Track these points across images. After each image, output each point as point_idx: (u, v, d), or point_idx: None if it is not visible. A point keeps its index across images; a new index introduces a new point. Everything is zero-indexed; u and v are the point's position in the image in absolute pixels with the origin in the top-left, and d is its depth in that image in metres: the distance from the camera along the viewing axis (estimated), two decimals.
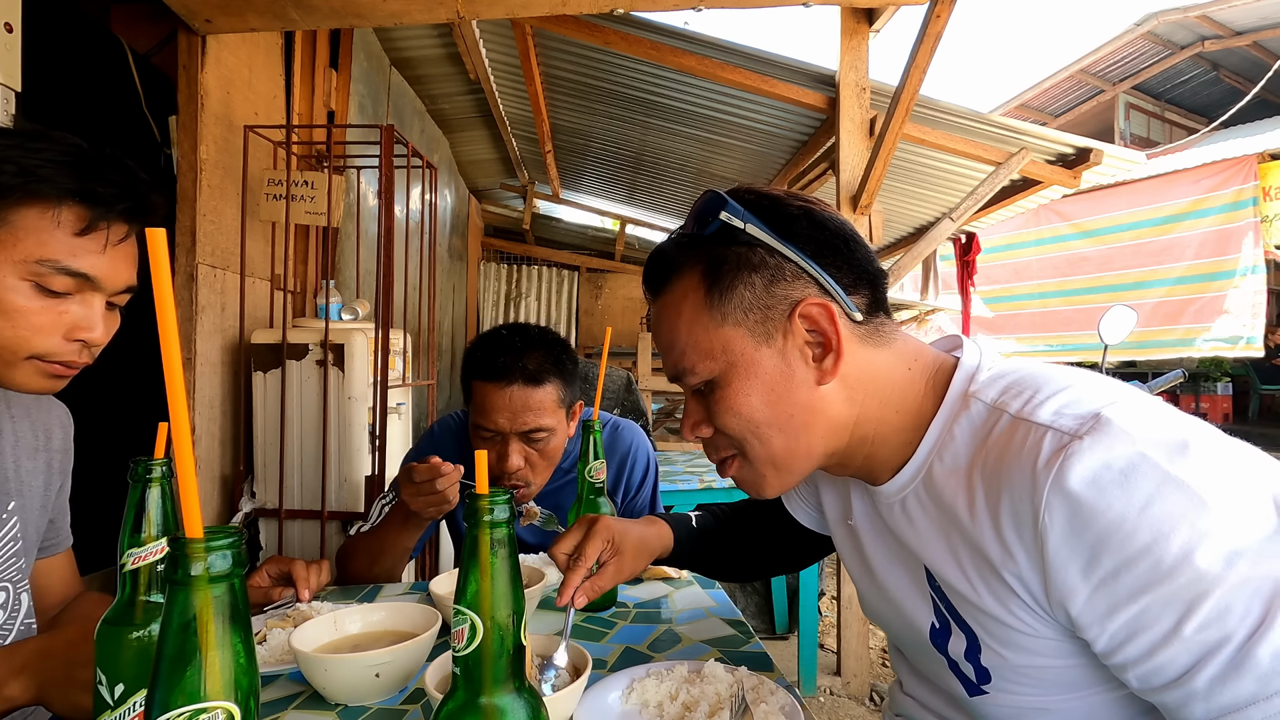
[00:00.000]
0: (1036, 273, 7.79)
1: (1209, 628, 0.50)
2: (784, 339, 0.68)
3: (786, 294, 0.68)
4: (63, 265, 0.78)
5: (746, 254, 0.69)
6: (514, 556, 0.48)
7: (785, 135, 3.66)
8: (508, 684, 0.47)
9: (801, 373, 0.69)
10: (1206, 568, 0.50)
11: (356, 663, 0.83)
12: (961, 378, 0.69)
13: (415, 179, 2.59)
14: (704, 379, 0.71)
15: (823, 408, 0.69)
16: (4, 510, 0.90)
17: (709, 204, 0.71)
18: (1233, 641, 0.49)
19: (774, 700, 0.79)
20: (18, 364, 0.80)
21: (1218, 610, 0.50)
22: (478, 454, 0.51)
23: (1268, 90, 8.84)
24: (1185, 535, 0.51)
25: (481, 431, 1.30)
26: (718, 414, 0.71)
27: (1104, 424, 0.56)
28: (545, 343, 1.30)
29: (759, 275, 0.68)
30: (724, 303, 0.69)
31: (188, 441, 0.33)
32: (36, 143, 0.78)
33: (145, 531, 0.63)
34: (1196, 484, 0.52)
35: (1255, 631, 0.49)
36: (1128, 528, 0.52)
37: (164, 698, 0.33)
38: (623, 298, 7.67)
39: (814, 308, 0.67)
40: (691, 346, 0.70)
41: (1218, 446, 0.56)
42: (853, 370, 0.69)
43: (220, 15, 1.90)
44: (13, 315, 0.77)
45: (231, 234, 2.14)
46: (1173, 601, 0.51)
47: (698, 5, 2.02)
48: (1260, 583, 0.49)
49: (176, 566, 0.33)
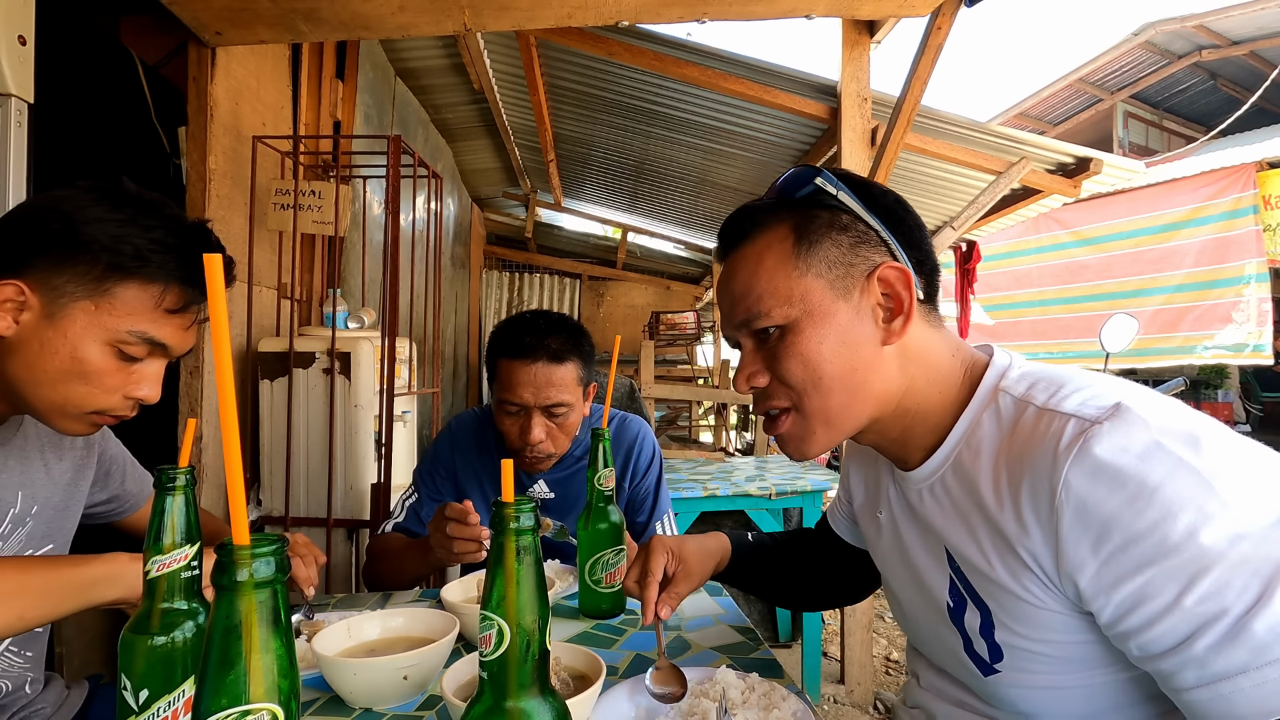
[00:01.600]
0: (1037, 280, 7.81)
1: (1208, 601, 0.53)
2: (860, 296, 0.73)
3: (869, 256, 0.73)
4: (149, 336, 0.84)
5: (836, 216, 0.74)
6: (539, 563, 0.49)
7: (787, 145, 3.69)
8: (533, 688, 0.48)
9: (869, 330, 0.73)
10: (1210, 545, 0.53)
11: (386, 665, 0.84)
12: (993, 374, 0.73)
13: (420, 188, 2.61)
14: (776, 323, 0.74)
15: (880, 368, 0.73)
16: (28, 514, 0.92)
17: (801, 174, 0.76)
18: (1230, 614, 0.52)
19: (786, 706, 0.80)
20: (79, 417, 0.85)
21: (1218, 585, 0.52)
22: (504, 464, 0.52)
23: (1265, 99, 8.89)
24: (1192, 515, 0.54)
25: (507, 406, 1.36)
26: (783, 360, 0.74)
27: (1123, 412, 0.60)
28: (566, 326, 1.39)
29: (846, 235, 0.73)
30: (810, 255, 0.73)
31: (238, 456, 0.34)
32: (149, 219, 0.83)
33: (168, 539, 0.64)
34: (1206, 470, 0.55)
35: (1252, 607, 0.51)
36: (1139, 506, 0.55)
37: (211, 700, 0.34)
38: (624, 305, 7.69)
39: (892, 271, 0.72)
40: (770, 292, 0.74)
41: (1229, 440, 0.59)
42: (911, 342, 0.74)
43: (230, 27, 1.92)
44: (90, 376, 0.83)
45: (239, 243, 2.15)
46: (1175, 575, 0.54)
47: (701, 18, 2.04)
48: (1260, 563, 0.52)
49: (224, 572, 0.34)
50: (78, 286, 0.80)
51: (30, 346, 0.81)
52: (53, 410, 0.84)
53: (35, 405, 0.84)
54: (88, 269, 0.80)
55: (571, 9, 1.87)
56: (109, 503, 1.12)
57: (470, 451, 1.51)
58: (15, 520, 0.90)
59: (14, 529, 0.90)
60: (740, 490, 2.81)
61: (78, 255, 0.80)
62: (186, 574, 0.64)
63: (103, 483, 1.09)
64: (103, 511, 1.12)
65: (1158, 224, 6.87)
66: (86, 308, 0.81)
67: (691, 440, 6.34)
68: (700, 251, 6.96)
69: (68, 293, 0.80)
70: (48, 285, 0.80)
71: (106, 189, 0.84)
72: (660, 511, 1.52)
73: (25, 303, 0.80)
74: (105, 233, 0.80)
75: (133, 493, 1.14)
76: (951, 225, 3.83)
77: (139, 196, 0.85)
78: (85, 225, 0.80)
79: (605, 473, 1.16)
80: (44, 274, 0.80)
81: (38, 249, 0.80)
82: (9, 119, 1.47)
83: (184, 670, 0.62)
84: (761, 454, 4.16)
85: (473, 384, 6.39)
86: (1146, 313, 6.74)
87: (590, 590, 1.14)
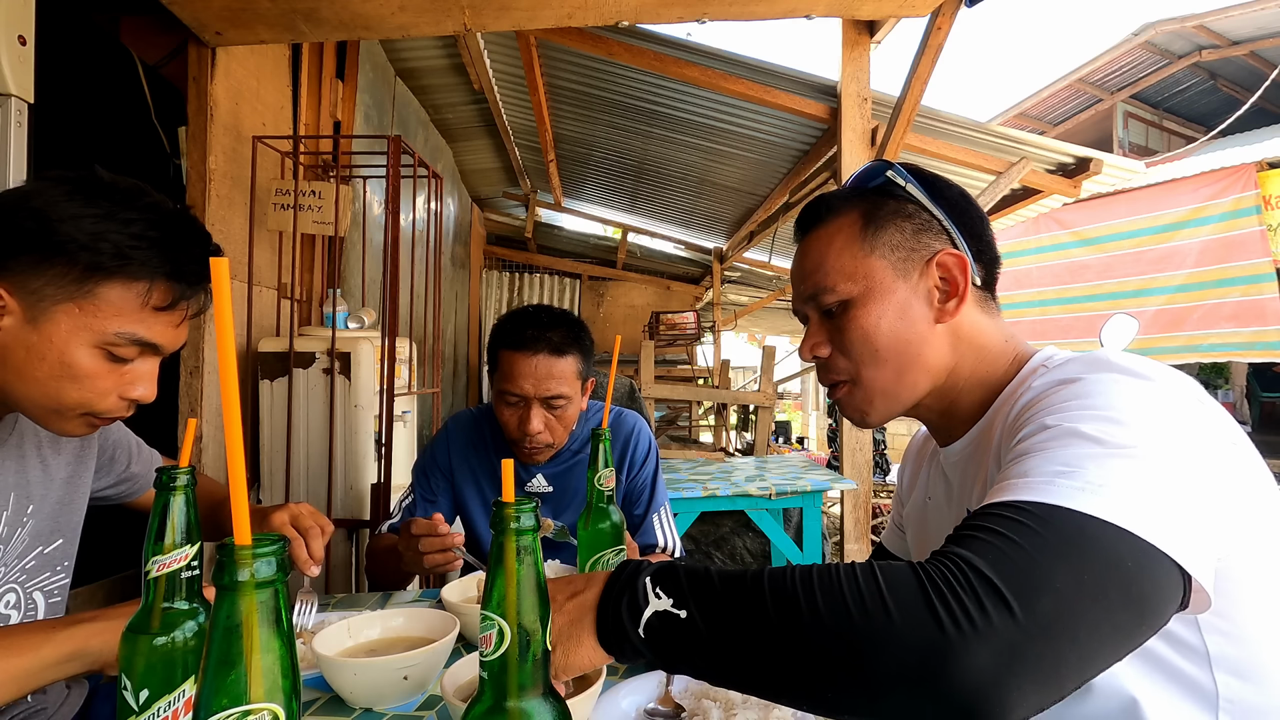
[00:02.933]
0: (1037, 280, 7.81)
1: (1054, 463, 0.56)
2: (919, 278, 0.79)
3: (929, 243, 0.80)
4: (138, 337, 0.81)
5: (903, 205, 0.81)
6: (539, 563, 0.49)
7: (787, 145, 3.69)
8: (534, 688, 0.48)
9: (924, 310, 0.79)
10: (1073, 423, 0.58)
11: (386, 665, 0.84)
12: (1041, 356, 0.79)
13: (420, 188, 2.61)
14: (841, 298, 0.80)
15: (933, 343, 0.79)
16: (24, 514, 0.91)
17: (874, 167, 0.83)
18: (1029, 455, 0.58)
19: (787, 707, 0.80)
20: (73, 419, 0.83)
21: (1047, 437, 0.58)
22: (504, 464, 0.52)
23: (1265, 99, 8.90)
24: (1083, 407, 0.60)
25: (507, 397, 1.37)
26: (845, 331, 0.80)
27: (1094, 355, 0.68)
28: (568, 321, 1.41)
29: (910, 223, 0.80)
30: (875, 237, 0.79)
31: (240, 456, 0.34)
32: (127, 212, 0.79)
33: (169, 539, 0.64)
34: (1131, 396, 0.60)
35: (1042, 452, 0.57)
36: (1052, 402, 0.63)
37: (212, 700, 0.34)
38: (624, 306, 7.69)
39: (950, 257, 0.78)
40: (837, 269, 0.80)
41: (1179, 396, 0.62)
42: (964, 322, 0.80)
43: (230, 27, 1.92)
44: (81, 379, 0.80)
45: (239, 243, 2.15)
46: (1041, 446, 0.59)
47: (701, 18, 2.04)
48: (1091, 443, 0.56)
49: (225, 572, 0.34)
50: (58, 289, 0.77)
51: (16, 352, 0.78)
52: (46, 414, 0.82)
53: (28, 409, 0.82)
54: (66, 270, 0.76)
55: (571, 9, 1.87)
56: (117, 486, 1.11)
57: (467, 450, 1.51)
58: (10, 522, 0.90)
59: (12, 530, 0.90)
60: (740, 490, 2.81)
61: (54, 256, 0.76)
62: (186, 574, 0.64)
63: (107, 469, 1.08)
64: (112, 495, 1.11)
65: (1159, 224, 6.87)
66: (70, 310, 0.77)
67: (691, 440, 6.34)
68: (700, 251, 6.97)
69: (48, 296, 0.77)
70: (26, 289, 0.76)
71: (79, 180, 0.79)
72: (657, 504, 1.53)
73: (5, 308, 0.77)
74: (82, 230, 0.76)
75: (141, 474, 1.13)
76: None
77: (114, 186, 0.80)
78: (60, 223, 0.76)
79: (605, 473, 1.16)
80: (21, 277, 0.76)
81: (11, 250, 0.76)
82: (9, 119, 1.47)
83: (184, 670, 0.62)
84: (761, 454, 4.16)
85: (473, 384, 6.39)
86: (1149, 312, 6.74)
87: None
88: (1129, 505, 0.51)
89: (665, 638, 0.56)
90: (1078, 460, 0.55)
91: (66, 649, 0.75)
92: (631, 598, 0.58)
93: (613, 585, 0.61)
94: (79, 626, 0.76)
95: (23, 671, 0.73)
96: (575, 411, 1.43)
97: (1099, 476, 0.53)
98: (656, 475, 1.57)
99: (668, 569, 0.60)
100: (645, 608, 0.57)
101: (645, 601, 0.57)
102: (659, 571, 0.60)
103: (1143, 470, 0.54)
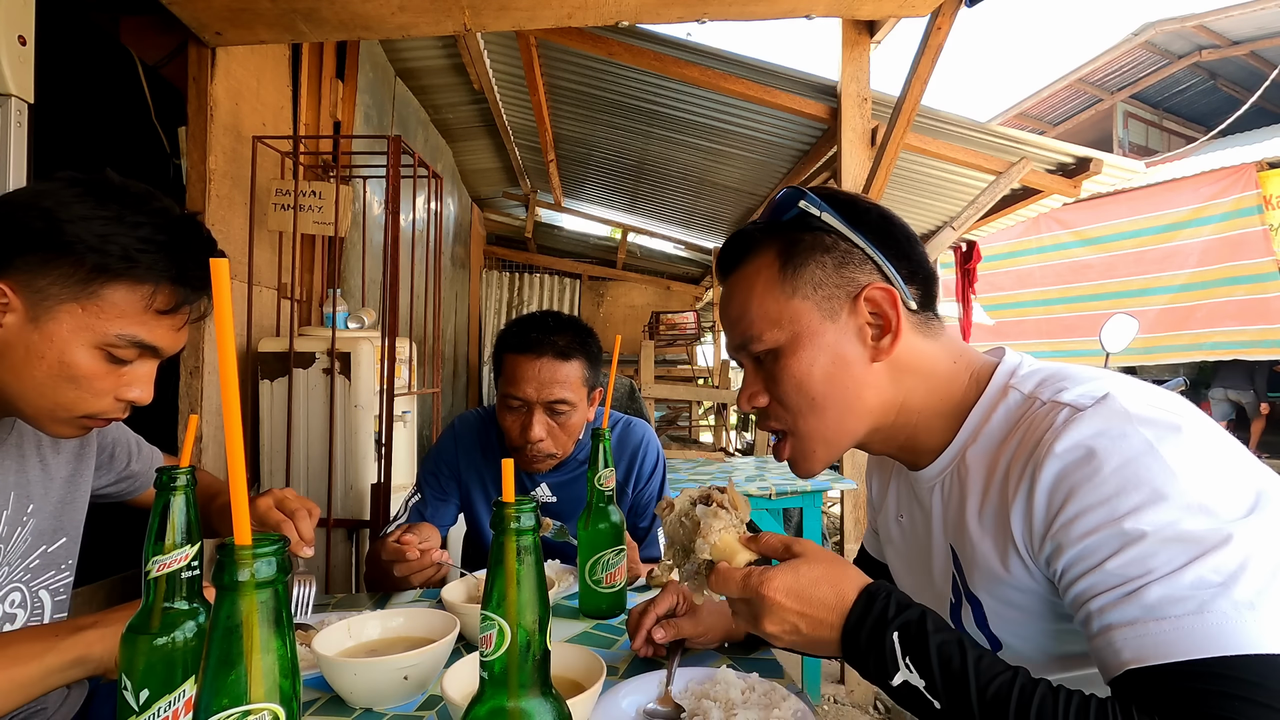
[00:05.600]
0: (1039, 280, 7.81)
1: (1129, 565, 0.56)
2: (847, 316, 0.75)
3: (854, 277, 0.75)
4: (138, 339, 0.81)
5: (820, 238, 0.76)
6: (539, 564, 0.49)
7: (787, 145, 3.69)
8: (534, 688, 0.48)
9: (858, 349, 0.75)
10: (1150, 521, 0.56)
11: (386, 665, 0.84)
12: (1003, 372, 0.75)
13: (420, 188, 2.61)
14: (769, 347, 0.76)
15: (873, 383, 0.75)
16: (24, 514, 0.92)
17: (788, 196, 0.78)
18: (1138, 580, 0.55)
19: (786, 706, 0.80)
20: (68, 421, 0.83)
21: (1142, 554, 0.56)
22: (504, 463, 0.52)
23: (1265, 99, 8.90)
24: (1145, 494, 0.57)
25: (510, 401, 1.36)
26: (778, 381, 0.76)
27: (1109, 400, 0.63)
28: (574, 326, 1.39)
29: (830, 257, 0.75)
30: (796, 278, 0.75)
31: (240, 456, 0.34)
32: (136, 216, 0.80)
33: (169, 539, 0.64)
34: (1172, 458, 0.58)
35: (1162, 577, 0.54)
36: (1099, 478, 0.59)
37: (212, 700, 0.34)
38: (624, 305, 7.69)
39: (879, 292, 0.74)
40: (761, 316, 0.76)
41: (1208, 435, 0.61)
42: (904, 354, 0.75)
43: (230, 28, 1.92)
44: (79, 380, 0.80)
45: (239, 243, 2.15)
46: (1110, 542, 0.57)
47: (701, 18, 2.04)
48: (1190, 545, 0.54)
49: (225, 572, 0.34)
50: (63, 289, 0.77)
51: (15, 350, 0.78)
52: (41, 414, 0.82)
53: (23, 410, 0.82)
54: (73, 270, 0.77)
55: (571, 9, 1.87)
56: (117, 483, 1.11)
57: (474, 451, 1.50)
58: (10, 521, 0.90)
59: (12, 530, 0.90)
60: (740, 490, 2.81)
61: (62, 256, 0.76)
62: (187, 574, 0.64)
63: (107, 467, 1.08)
64: (113, 493, 1.11)
65: (1161, 224, 6.88)
66: (73, 310, 0.78)
67: (691, 440, 6.34)
68: (700, 251, 6.96)
69: (52, 295, 0.77)
70: (31, 287, 0.77)
71: (90, 182, 0.80)
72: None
73: (8, 305, 0.77)
74: (91, 232, 0.77)
75: (141, 472, 1.13)
76: (951, 225, 3.83)
77: (124, 189, 0.81)
78: (69, 224, 0.76)
79: (605, 473, 1.16)
80: (27, 275, 0.77)
81: (19, 249, 0.77)
82: (9, 119, 1.47)
83: (184, 670, 0.62)
84: (761, 454, 4.16)
85: (473, 384, 6.39)
86: (1152, 312, 6.75)
87: (590, 590, 1.14)
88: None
89: (914, 706, 0.60)
90: (1198, 583, 0.53)
91: (69, 656, 0.75)
92: (879, 658, 0.61)
93: (855, 633, 0.64)
94: (81, 634, 0.76)
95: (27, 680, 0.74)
96: (580, 420, 1.40)
97: (1243, 593, 0.52)
98: (663, 488, 1.55)
99: (916, 633, 0.61)
100: (894, 673, 0.61)
101: (895, 667, 0.60)
102: (907, 636, 0.61)
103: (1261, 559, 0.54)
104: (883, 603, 0.64)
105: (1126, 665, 0.55)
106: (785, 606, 0.66)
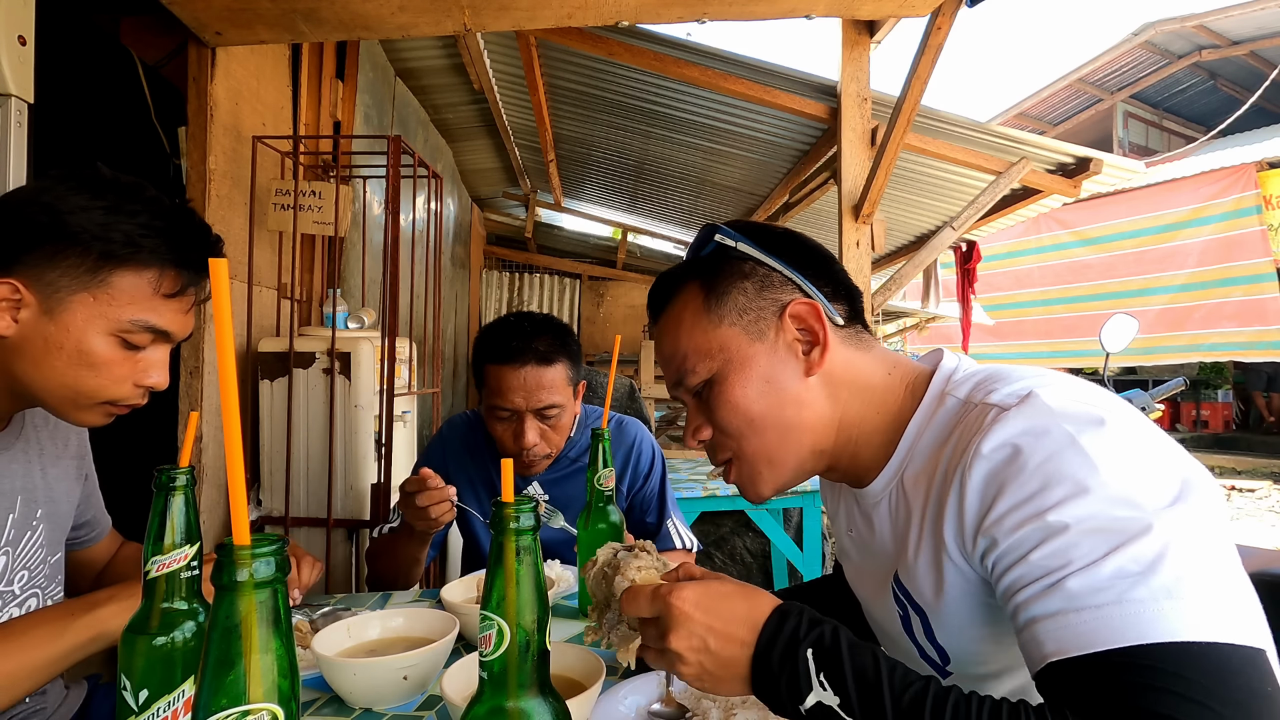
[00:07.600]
0: (1039, 280, 7.82)
1: (1051, 557, 0.57)
2: (775, 336, 0.76)
3: (776, 297, 0.76)
4: (150, 324, 0.83)
5: (739, 266, 0.78)
6: (538, 564, 0.49)
7: (787, 145, 3.69)
8: (534, 688, 0.48)
9: (791, 366, 0.75)
10: (1073, 514, 0.57)
11: (386, 665, 0.84)
12: (939, 379, 0.75)
13: (420, 188, 2.61)
14: (703, 378, 0.77)
15: (810, 400, 0.76)
16: (34, 518, 0.92)
17: (704, 233, 0.80)
18: (1061, 570, 0.56)
19: None
20: (91, 408, 0.85)
21: (1064, 546, 0.56)
22: (504, 463, 0.52)
23: (1265, 99, 8.90)
24: (1068, 488, 0.58)
25: (498, 412, 1.34)
26: (716, 410, 0.77)
27: (1032, 398, 0.64)
28: (552, 327, 1.37)
29: (750, 282, 0.77)
30: (720, 306, 0.77)
31: (240, 456, 0.34)
32: (132, 204, 0.82)
33: (168, 539, 0.64)
34: (1094, 451, 0.58)
35: (1083, 566, 0.55)
36: (1025, 475, 0.60)
37: (211, 700, 0.34)
38: (624, 305, 7.69)
39: (802, 306, 0.75)
40: (692, 349, 0.77)
41: (1132, 427, 0.62)
42: (836, 367, 0.76)
43: (230, 28, 1.92)
44: (98, 367, 0.82)
45: (239, 243, 2.15)
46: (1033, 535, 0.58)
47: (701, 18, 2.04)
48: (1111, 535, 0.55)
49: (224, 572, 0.34)
50: (73, 279, 0.80)
51: (34, 344, 0.80)
52: (65, 403, 0.84)
53: (47, 400, 0.84)
54: (80, 260, 0.79)
55: (571, 9, 1.87)
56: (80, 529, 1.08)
57: (462, 455, 1.50)
58: (18, 525, 0.90)
59: (20, 533, 0.90)
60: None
61: (68, 247, 0.79)
62: (186, 574, 0.64)
63: (84, 505, 1.07)
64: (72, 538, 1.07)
65: (1160, 224, 6.88)
66: (85, 300, 0.80)
67: None
68: None
69: (64, 287, 0.79)
70: (42, 281, 0.79)
71: (83, 176, 0.82)
72: (669, 510, 1.51)
73: (21, 301, 0.79)
74: (92, 221, 0.79)
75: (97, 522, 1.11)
76: (951, 225, 3.83)
77: (117, 181, 0.83)
78: (70, 215, 0.79)
79: (605, 473, 1.16)
80: (36, 270, 0.79)
81: (25, 245, 0.79)
82: (9, 119, 1.47)
83: (184, 670, 0.62)
84: None
85: (472, 384, 6.39)
86: (1152, 311, 6.75)
87: None
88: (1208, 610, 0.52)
89: None
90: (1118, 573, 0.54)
91: (87, 635, 0.78)
92: (792, 678, 0.59)
93: (768, 651, 0.61)
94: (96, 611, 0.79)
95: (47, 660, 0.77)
96: (569, 418, 1.40)
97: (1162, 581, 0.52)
98: (664, 482, 1.54)
99: (831, 648, 0.59)
100: (808, 694, 0.58)
101: (808, 687, 0.58)
102: (821, 652, 0.59)
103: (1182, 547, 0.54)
104: (795, 620, 0.62)
105: (1049, 658, 0.55)
106: (694, 619, 0.63)
